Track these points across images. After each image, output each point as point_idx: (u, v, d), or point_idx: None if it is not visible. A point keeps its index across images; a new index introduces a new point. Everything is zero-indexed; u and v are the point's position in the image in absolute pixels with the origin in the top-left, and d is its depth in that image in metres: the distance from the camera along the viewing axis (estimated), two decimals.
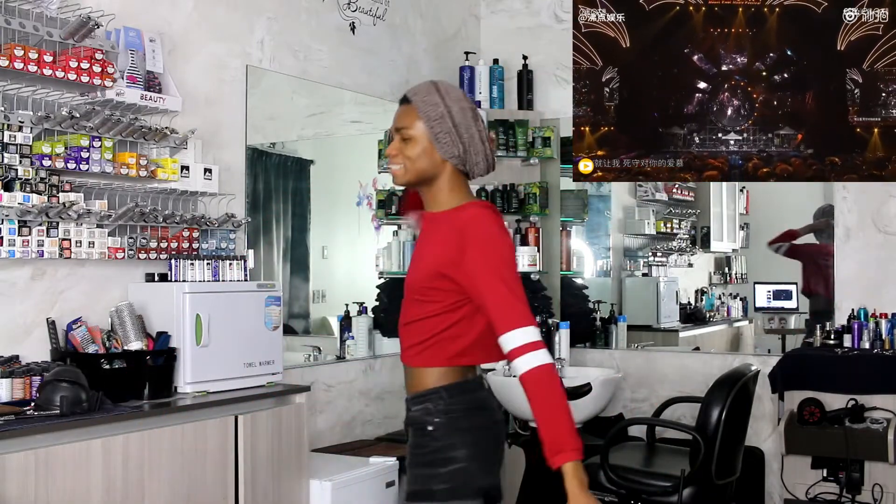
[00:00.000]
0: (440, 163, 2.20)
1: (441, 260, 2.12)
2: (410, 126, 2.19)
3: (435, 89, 2.20)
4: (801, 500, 4.03)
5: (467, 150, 2.20)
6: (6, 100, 2.85)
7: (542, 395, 2.01)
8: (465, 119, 2.19)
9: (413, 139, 2.19)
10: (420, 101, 2.18)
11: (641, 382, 4.72)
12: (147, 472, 2.75)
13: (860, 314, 4.21)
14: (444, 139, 2.17)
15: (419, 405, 2.18)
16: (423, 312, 2.16)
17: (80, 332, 2.95)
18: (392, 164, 2.22)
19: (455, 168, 2.21)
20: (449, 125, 2.17)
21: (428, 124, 2.17)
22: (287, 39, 3.99)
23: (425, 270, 2.15)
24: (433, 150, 2.18)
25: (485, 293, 2.07)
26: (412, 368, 2.20)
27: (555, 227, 4.94)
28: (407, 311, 2.21)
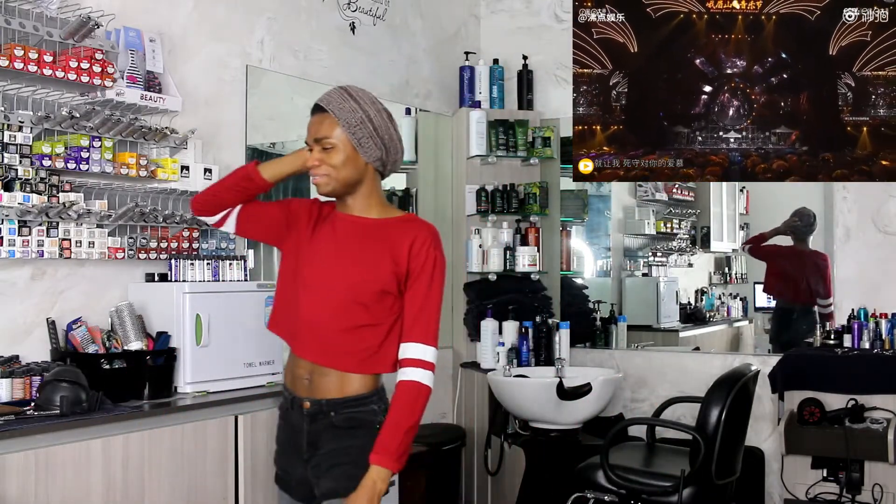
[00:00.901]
0: (363, 167, 2.25)
1: (399, 270, 2.21)
2: (331, 135, 2.21)
3: (348, 95, 2.22)
4: (801, 500, 4.03)
5: (388, 152, 2.26)
6: (6, 100, 2.85)
7: (413, 407, 2.18)
8: (382, 121, 2.24)
9: (335, 148, 2.21)
10: (337, 108, 2.20)
11: (641, 382, 4.73)
12: (147, 472, 2.75)
13: (860, 314, 4.21)
14: (367, 144, 2.21)
15: (364, 406, 2.24)
16: (373, 319, 2.21)
17: (80, 332, 2.95)
18: (316, 176, 2.24)
19: (374, 170, 2.28)
20: (370, 129, 2.21)
21: (349, 131, 2.20)
22: (287, 39, 3.99)
23: (377, 279, 2.20)
24: (357, 156, 2.22)
25: (422, 304, 2.21)
26: (350, 373, 2.24)
27: (555, 227, 4.94)
28: (343, 314, 2.22)
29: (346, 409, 2.23)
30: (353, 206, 2.29)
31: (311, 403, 2.26)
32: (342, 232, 2.28)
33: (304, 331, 2.26)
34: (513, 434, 4.25)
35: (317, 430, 2.25)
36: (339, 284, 2.22)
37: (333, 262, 2.24)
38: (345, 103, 2.21)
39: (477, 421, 4.61)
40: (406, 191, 4.77)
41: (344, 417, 2.23)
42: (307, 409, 2.26)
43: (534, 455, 4.08)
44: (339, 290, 2.22)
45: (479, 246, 4.68)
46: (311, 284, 2.26)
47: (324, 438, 2.24)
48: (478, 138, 4.70)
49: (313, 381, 2.26)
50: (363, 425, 2.22)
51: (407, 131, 4.73)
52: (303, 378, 2.28)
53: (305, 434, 2.27)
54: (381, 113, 2.24)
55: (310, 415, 2.26)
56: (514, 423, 4.27)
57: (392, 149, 2.27)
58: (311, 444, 2.26)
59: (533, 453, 4.09)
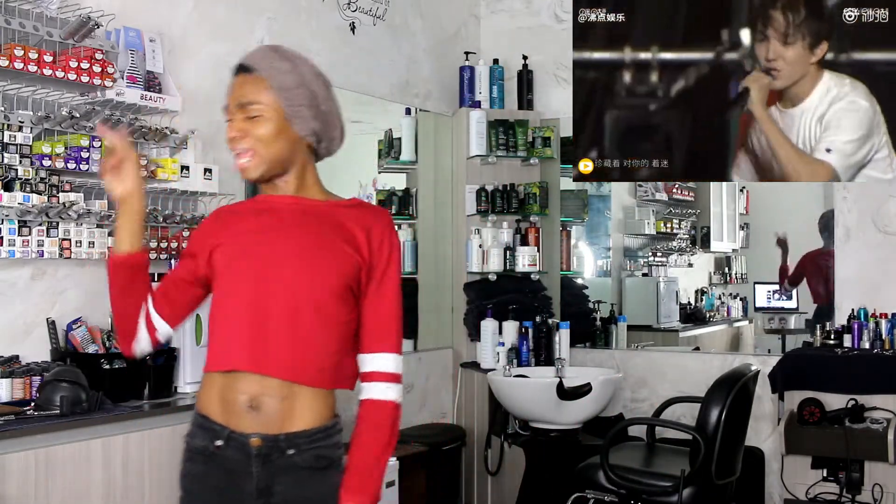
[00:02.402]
0: (295, 142, 1.80)
1: (361, 265, 1.79)
2: (259, 99, 1.76)
3: (281, 55, 1.79)
4: (801, 500, 4.03)
5: (326, 124, 1.82)
6: (6, 100, 2.85)
7: (391, 429, 1.80)
8: (320, 88, 1.80)
9: (262, 116, 1.76)
10: (268, 67, 1.76)
11: (641, 382, 4.72)
12: (147, 472, 2.75)
13: (860, 314, 4.21)
14: (303, 113, 1.77)
15: (330, 439, 1.79)
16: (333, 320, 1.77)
17: (80, 332, 2.95)
18: (239, 153, 1.78)
19: (308, 147, 1.83)
20: (307, 95, 1.77)
21: (282, 95, 1.75)
22: (287, 39, 3.98)
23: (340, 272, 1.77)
24: (288, 127, 1.77)
25: (388, 305, 1.81)
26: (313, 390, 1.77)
27: (555, 227, 4.94)
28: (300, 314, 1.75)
29: (313, 443, 1.76)
30: (286, 188, 1.84)
31: (263, 440, 1.73)
32: (281, 217, 1.82)
33: (246, 339, 1.76)
34: (513, 434, 4.26)
35: (271, 473, 1.73)
36: (287, 280, 1.76)
37: (274, 253, 1.78)
38: (277, 63, 1.77)
39: (477, 421, 4.61)
40: (406, 191, 4.77)
41: (311, 455, 1.75)
42: (257, 447, 1.73)
43: (534, 455, 4.08)
44: (288, 287, 1.76)
45: (479, 246, 4.68)
46: (247, 286, 1.78)
47: (280, 483, 1.74)
48: (478, 138, 4.70)
49: (262, 407, 1.73)
50: (332, 465, 1.78)
51: (407, 131, 4.74)
52: (242, 406, 1.74)
53: (254, 479, 1.74)
54: (318, 78, 1.81)
55: (262, 454, 1.74)
56: (514, 423, 4.27)
57: (330, 123, 1.82)
58: (263, 492, 1.74)
59: (533, 453, 4.09)
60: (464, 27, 5.10)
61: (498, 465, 4.30)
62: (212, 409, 1.80)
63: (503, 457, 4.27)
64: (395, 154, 4.76)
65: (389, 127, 4.81)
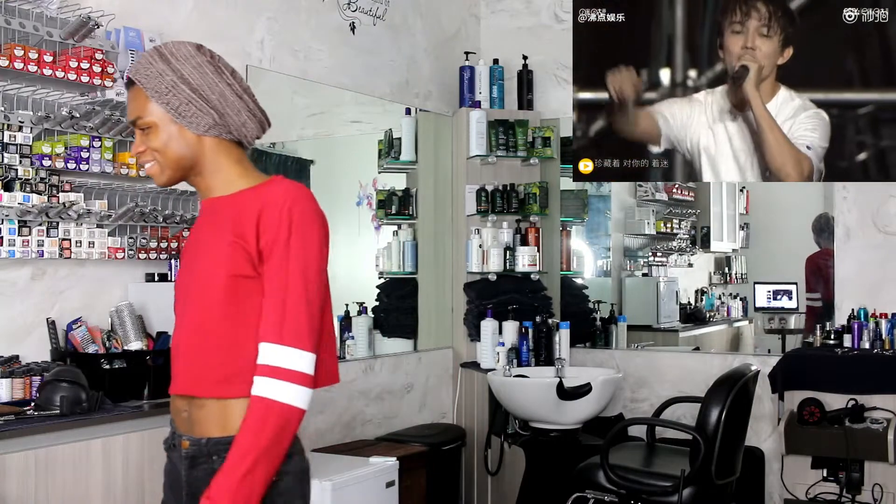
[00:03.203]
0: (196, 141, 1.74)
1: (248, 247, 1.65)
2: (144, 112, 1.72)
3: (157, 56, 1.72)
4: (801, 500, 4.03)
5: (223, 113, 1.73)
6: (6, 100, 2.85)
7: (259, 431, 1.59)
8: (204, 77, 1.72)
9: (153, 127, 1.72)
10: (143, 77, 1.71)
11: (641, 382, 4.72)
12: (147, 472, 2.75)
13: (860, 314, 4.21)
14: (188, 111, 1.71)
15: None
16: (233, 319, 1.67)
17: (80, 332, 2.95)
18: (143, 167, 1.78)
19: (220, 139, 1.75)
20: (187, 92, 1.71)
21: (161, 101, 1.70)
22: (287, 39, 3.99)
23: (220, 262, 1.67)
24: (182, 129, 1.72)
25: (279, 287, 1.63)
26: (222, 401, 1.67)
27: (555, 227, 4.94)
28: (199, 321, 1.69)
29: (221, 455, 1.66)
30: (207, 188, 1.78)
31: (190, 443, 1.70)
32: (200, 223, 1.80)
33: (172, 355, 1.77)
34: (513, 434, 4.26)
35: (197, 478, 1.69)
36: (191, 286, 1.72)
37: (186, 264, 1.78)
38: (151, 67, 1.71)
39: (477, 421, 4.61)
40: (406, 191, 4.77)
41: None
42: (186, 449, 1.71)
43: (534, 455, 4.08)
44: (192, 293, 1.71)
45: (479, 246, 4.68)
46: (175, 298, 1.80)
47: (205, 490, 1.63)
48: (478, 138, 4.70)
49: (191, 413, 1.71)
50: None
51: (407, 131, 4.74)
52: (181, 410, 1.74)
53: (185, 482, 1.72)
54: (200, 68, 1.71)
55: (189, 457, 1.71)
56: (514, 423, 4.27)
57: (229, 109, 1.73)
58: (192, 497, 1.69)
59: (533, 453, 4.09)
60: (464, 27, 5.10)
61: (498, 465, 4.30)
62: (171, 409, 1.81)
63: (503, 457, 4.27)
64: (395, 154, 4.76)
65: (389, 127, 4.81)
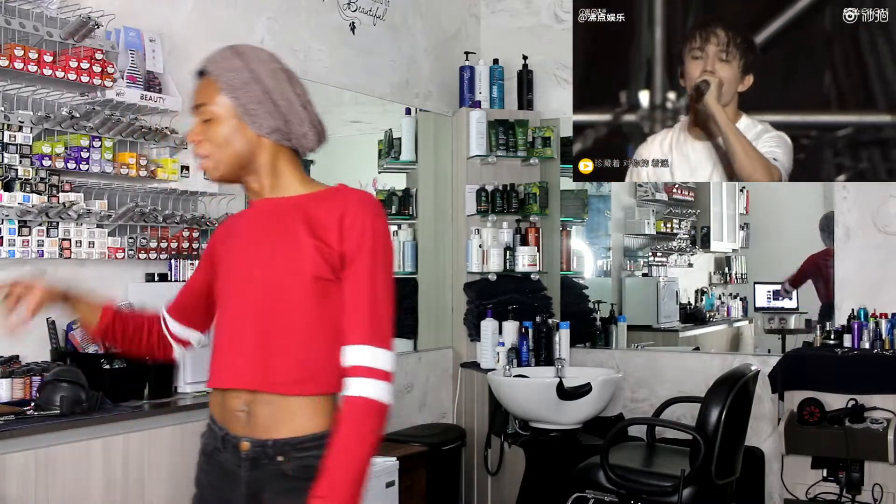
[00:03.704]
0: (256, 142, 1.76)
1: (331, 252, 1.69)
2: (210, 101, 1.75)
3: (234, 53, 1.77)
4: (801, 500, 4.03)
5: (288, 121, 1.77)
6: (6, 100, 2.85)
7: (363, 429, 1.66)
8: (277, 83, 1.77)
9: (216, 118, 1.75)
10: (218, 69, 1.75)
11: (641, 382, 4.72)
12: (147, 472, 2.75)
13: (860, 314, 4.21)
14: (256, 111, 1.74)
15: (319, 450, 1.67)
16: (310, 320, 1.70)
17: (80, 332, 2.95)
18: (199, 157, 1.79)
19: (278, 145, 1.78)
20: (258, 92, 1.74)
21: (232, 95, 1.74)
22: (287, 39, 3.99)
23: (302, 265, 1.69)
24: (244, 127, 1.75)
25: (366, 293, 1.69)
26: (296, 395, 1.70)
27: (555, 227, 4.94)
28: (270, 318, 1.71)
29: (301, 452, 1.69)
30: (261, 189, 1.80)
31: (252, 444, 1.71)
32: (257, 220, 1.79)
33: (226, 353, 1.76)
34: (513, 434, 4.26)
35: (259, 479, 1.70)
36: (259, 282, 1.72)
37: (249, 258, 1.76)
38: (227, 62, 1.75)
39: (477, 421, 4.61)
40: (406, 191, 4.77)
41: (298, 465, 1.68)
42: (246, 451, 1.71)
43: (534, 455, 4.08)
44: (260, 290, 1.72)
45: (479, 246, 4.68)
46: (229, 296, 1.78)
47: (270, 490, 1.70)
48: (478, 138, 4.70)
49: (253, 413, 1.71)
50: (313, 476, 1.67)
51: (407, 131, 4.74)
52: (236, 410, 1.73)
53: (244, 483, 1.72)
54: (275, 73, 1.77)
55: (250, 458, 1.71)
56: (514, 423, 4.27)
57: (295, 118, 1.77)
58: (253, 497, 1.72)
59: (533, 453, 4.09)
60: (464, 27, 5.10)
61: (498, 465, 4.30)
62: (216, 410, 1.81)
63: (503, 457, 4.27)
64: (395, 154, 4.76)
65: (389, 127, 4.81)
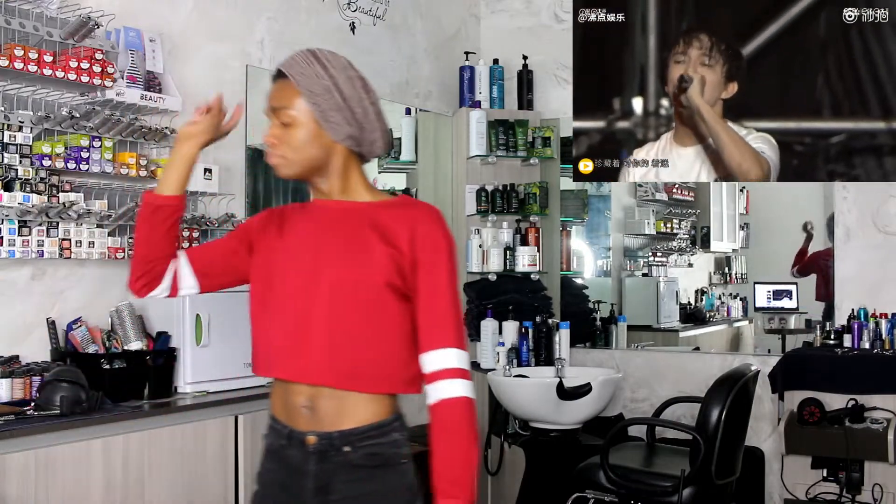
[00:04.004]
0: (331, 147, 1.82)
1: (402, 262, 1.77)
2: (290, 105, 1.79)
3: (314, 58, 1.81)
4: (801, 500, 4.03)
5: (362, 128, 1.83)
6: (6, 100, 2.85)
7: (471, 427, 1.79)
8: (355, 91, 1.82)
9: (294, 122, 1.79)
10: (298, 73, 1.79)
11: (641, 382, 4.72)
12: (147, 472, 2.75)
13: (860, 314, 4.21)
14: (334, 118, 1.79)
15: (386, 436, 1.78)
16: (378, 323, 1.77)
17: (80, 332, 2.95)
18: (272, 157, 1.83)
19: (349, 151, 1.84)
20: (338, 100, 1.79)
21: (312, 101, 1.78)
22: (287, 39, 3.99)
23: (374, 271, 1.76)
24: (321, 132, 1.80)
25: (442, 300, 1.78)
26: (353, 393, 1.76)
27: (555, 227, 4.94)
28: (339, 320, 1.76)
29: (366, 441, 1.77)
30: (330, 191, 1.86)
31: (318, 437, 1.77)
32: (323, 221, 1.84)
33: (292, 347, 1.80)
34: (513, 434, 4.26)
35: (327, 471, 1.76)
36: (327, 283, 1.77)
37: (317, 257, 1.80)
38: (308, 68, 1.79)
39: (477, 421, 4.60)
40: (406, 191, 4.77)
41: (364, 453, 1.76)
42: (313, 444, 1.77)
43: (534, 455, 4.08)
44: (329, 290, 1.77)
45: (479, 246, 4.68)
46: (292, 291, 1.81)
47: (338, 481, 1.76)
48: (478, 138, 4.70)
49: (317, 408, 1.77)
50: (388, 462, 1.78)
51: (407, 131, 4.74)
52: (300, 406, 1.79)
53: (312, 477, 1.77)
54: (352, 81, 1.82)
55: (317, 451, 1.77)
56: (514, 423, 4.27)
57: (368, 126, 1.84)
58: (321, 490, 1.77)
59: (533, 453, 4.09)
60: (464, 27, 5.10)
61: (498, 465, 4.30)
62: (277, 410, 1.85)
63: (503, 457, 4.27)
64: (395, 154, 4.76)
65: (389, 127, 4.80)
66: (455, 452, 1.76)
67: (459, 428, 1.77)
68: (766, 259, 6.48)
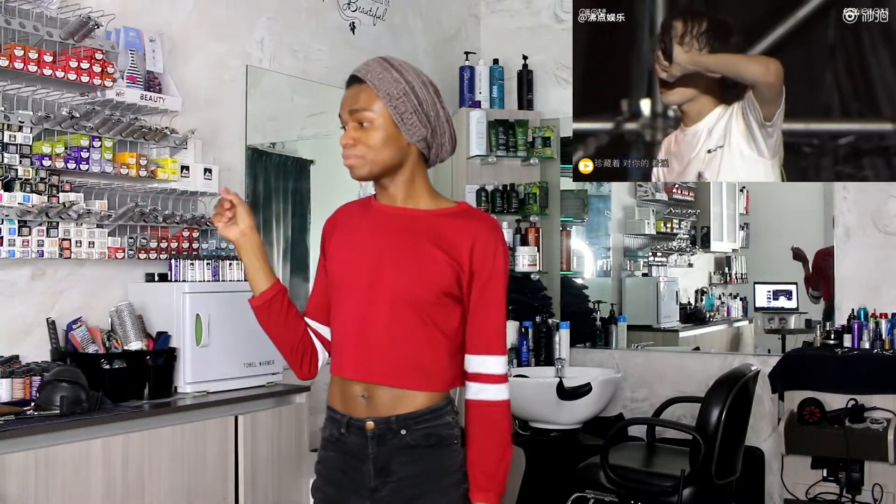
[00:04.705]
0: (406, 149, 1.90)
1: (461, 272, 1.87)
2: (369, 108, 1.87)
3: (389, 64, 1.91)
4: (801, 500, 4.03)
5: (434, 132, 1.92)
6: (6, 100, 2.85)
7: (505, 429, 1.96)
8: (428, 95, 1.91)
9: (373, 124, 1.87)
10: (377, 78, 1.88)
11: (641, 382, 4.72)
12: (147, 472, 2.75)
13: (860, 314, 4.21)
14: (411, 120, 1.88)
15: (439, 419, 1.89)
16: (434, 327, 1.87)
17: (80, 332, 2.95)
18: (348, 157, 1.90)
19: (419, 153, 1.93)
20: (414, 103, 1.88)
21: (391, 104, 1.86)
22: (287, 39, 3.99)
23: (434, 279, 1.85)
24: (398, 134, 1.88)
25: (492, 310, 1.90)
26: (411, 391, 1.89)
27: (555, 227, 4.94)
28: (396, 322, 1.86)
29: (421, 423, 1.88)
30: (395, 196, 1.93)
31: (377, 422, 1.88)
32: (385, 225, 1.92)
33: (351, 346, 1.91)
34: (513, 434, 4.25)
35: (387, 453, 1.88)
36: (389, 287, 1.86)
37: (374, 261, 1.89)
38: (386, 73, 1.88)
39: None
40: None
41: (420, 434, 1.88)
42: (371, 429, 1.88)
43: (534, 455, 4.08)
44: (390, 294, 1.86)
45: None
46: (352, 291, 1.90)
47: (396, 462, 1.88)
48: (478, 138, 4.70)
49: (374, 396, 1.88)
50: (442, 442, 1.89)
51: None
52: (357, 396, 1.90)
53: (371, 460, 1.88)
54: (426, 86, 1.91)
55: (376, 436, 1.88)
56: (513, 423, 4.27)
57: (439, 129, 1.92)
58: (381, 471, 1.88)
59: (533, 453, 4.09)
60: (464, 27, 5.10)
61: None
62: (335, 402, 1.95)
63: None
64: None
65: None
66: (493, 449, 1.92)
67: (499, 427, 1.93)
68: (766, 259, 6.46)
